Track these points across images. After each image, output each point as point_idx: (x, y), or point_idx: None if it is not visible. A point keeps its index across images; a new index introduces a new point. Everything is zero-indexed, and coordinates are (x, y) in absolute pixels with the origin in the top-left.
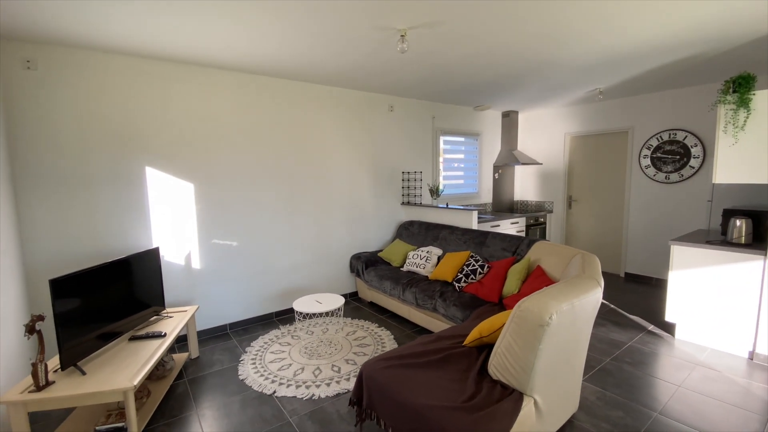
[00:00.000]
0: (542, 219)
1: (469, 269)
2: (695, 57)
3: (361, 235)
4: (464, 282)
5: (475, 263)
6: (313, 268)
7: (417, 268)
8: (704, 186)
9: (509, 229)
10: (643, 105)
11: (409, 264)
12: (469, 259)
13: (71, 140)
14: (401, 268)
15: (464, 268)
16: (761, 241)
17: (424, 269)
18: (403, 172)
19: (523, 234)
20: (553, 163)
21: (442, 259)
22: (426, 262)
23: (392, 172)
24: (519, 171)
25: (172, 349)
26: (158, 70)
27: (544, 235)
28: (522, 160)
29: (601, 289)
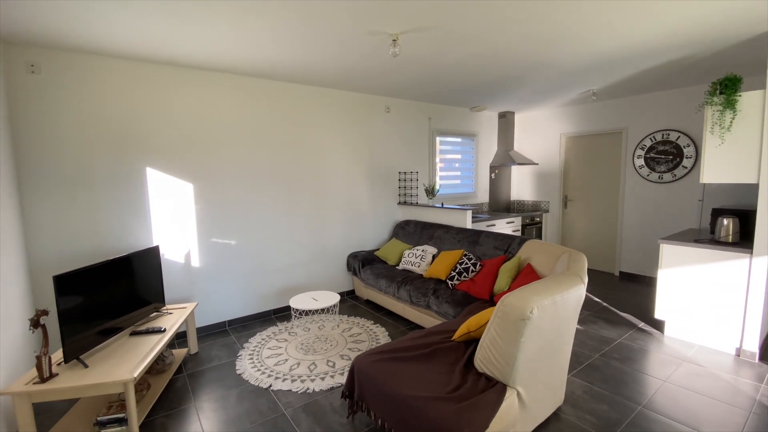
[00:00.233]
0: (538, 219)
1: (462, 267)
2: (684, 59)
3: (358, 235)
4: (457, 280)
5: (468, 261)
6: (311, 267)
7: (412, 267)
8: (696, 186)
9: (505, 228)
10: (637, 106)
11: (404, 262)
12: (463, 258)
13: (73, 142)
14: (397, 267)
15: (457, 266)
16: (748, 240)
17: (419, 267)
18: (400, 173)
19: (519, 233)
20: (548, 164)
21: (436, 258)
22: (421, 261)
23: (389, 173)
24: (515, 171)
25: (172, 344)
26: (158, 74)
27: (540, 234)
28: (518, 161)
29: (585, 285)
